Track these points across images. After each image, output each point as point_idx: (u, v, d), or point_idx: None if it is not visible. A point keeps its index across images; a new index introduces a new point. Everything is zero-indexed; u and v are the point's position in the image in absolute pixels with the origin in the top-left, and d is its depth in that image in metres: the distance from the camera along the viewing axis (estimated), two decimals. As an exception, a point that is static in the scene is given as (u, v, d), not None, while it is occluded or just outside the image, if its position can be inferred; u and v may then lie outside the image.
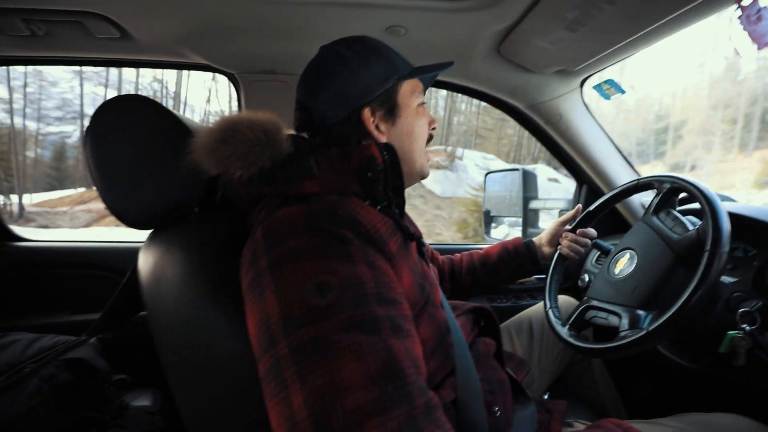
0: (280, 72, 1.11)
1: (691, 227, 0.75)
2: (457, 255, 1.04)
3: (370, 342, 0.40)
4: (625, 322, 0.70)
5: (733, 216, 0.69)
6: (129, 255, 1.25)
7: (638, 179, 0.89)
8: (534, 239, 0.98)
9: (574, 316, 0.81)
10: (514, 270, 0.96)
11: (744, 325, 0.68)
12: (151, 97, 0.63)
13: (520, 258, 0.95)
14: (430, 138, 0.69)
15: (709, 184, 0.74)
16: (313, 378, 0.38)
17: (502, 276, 0.97)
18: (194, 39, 1.00)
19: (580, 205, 0.98)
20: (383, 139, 0.61)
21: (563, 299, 1.00)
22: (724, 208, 0.67)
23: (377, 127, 0.61)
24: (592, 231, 0.95)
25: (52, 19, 0.90)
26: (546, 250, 0.96)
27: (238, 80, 1.15)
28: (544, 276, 1.34)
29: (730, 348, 0.68)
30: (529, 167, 1.83)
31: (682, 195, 0.81)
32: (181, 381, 0.57)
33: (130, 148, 0.59)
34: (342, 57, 0.61)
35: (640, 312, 0.71)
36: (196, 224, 0.63)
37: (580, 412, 0.86)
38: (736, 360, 0.68)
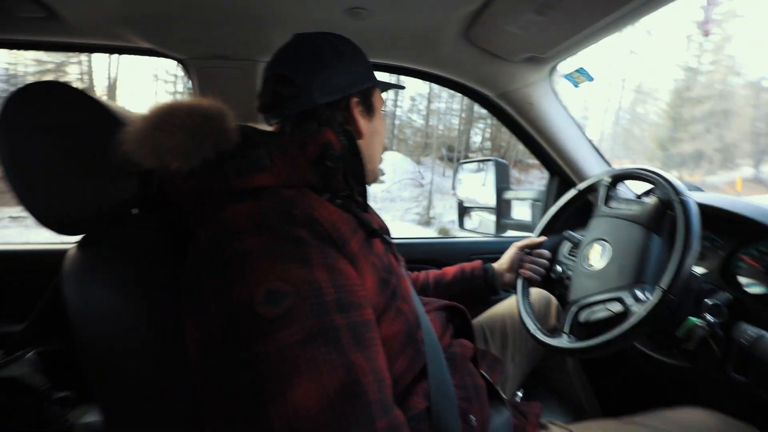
0: (235, 57, 1.02)
1: (646, 199, 0.78)
2: (414, 273, 0.99)
3: (328, 358, 0.36)
4: (630, 301, 0.68)
5: (700, 205, 0.68)
6: (55, 259, 1.12)
7: (578, 188, 0.95)
8: (494, 265, 0.94)
9: (568, 322, 0.76)
10: (467, 292, 0.92)
11: (707, 316, 0.68)
12: (71, 83, 0.55)
13: (476, 280, 0.92)
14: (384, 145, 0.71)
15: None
16: (262, 398, 0.35)
17: (454, 297, 0.91)
18: (137, 21, 0.90)
19: (534, 237, 0.97)
20: (366, 131, 0.63)
21: (535, 295, 0.98)
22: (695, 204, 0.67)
23: (359, 117, 0.62)
24: (546, 252, 0.95)
25: None
26: (507, 276, 0.92)
27: (190, 66, 1.05)
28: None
29: (685, 334, 0.68)
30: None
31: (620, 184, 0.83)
32: (111, 395, 0.52)
33: (48, 142, 0.51)
34: (338, 50, 0.62)
35: (638, 287, 0.70)
36: (133, 227, 0.56)
37: (554, 410, 0.84)
38: (688, 344, 0.68)
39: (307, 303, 0.39)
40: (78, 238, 0.56)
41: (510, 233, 1.50)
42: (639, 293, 0.69)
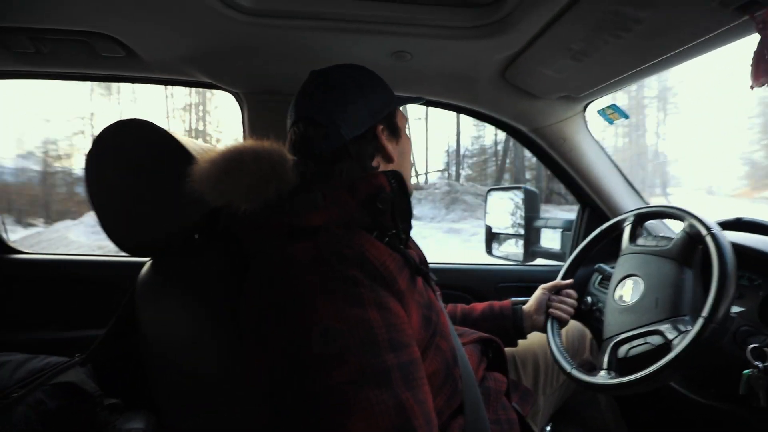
0: (286, 92, 1.11)
1: (673, 234, 0.78)
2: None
3: (381, 398, 0.38)
4: (671, 333, 0.67)
5: (735, 246, 0.69)
6: (125, 270, 1.22)
7: (601, 229, 0.98)
8: (523, 307, 0.94)
9: (606, 358, 0.75)
10: (494, 331, 0.89)
11: (757, 362, 0.66)
12: (153, 122, 0.62)
13: (504, 320, 0.90)
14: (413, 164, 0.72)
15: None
16: None
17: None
18: (199, 58, 1.00)
19: (560, 280, 0.97)
20: (395, 154, 0.64)
21: (570, 329, 0.99)
22: (728, 243, 0.68)
23: (385, 142, 0.63)
24: (573, 292, 0.95)
25: (59, 38, 0.90)
26: (536, 318, 0.91)
27: (243, 99, 1.15)
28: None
29: (748, 389, 0.66)
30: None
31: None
32: (172, 409, 0.57)
33: (129, 173, 0.58)
34: (357, 82, 0.63)
35: (677, 319, 0.70)
36: (197, 253, 0.62)
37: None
38: (757, 401, 0.65)
39: (359, 342, 0.40)
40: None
41: (539, 261, 1.50)
42: (680, 325, 0.68)
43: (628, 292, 0.82)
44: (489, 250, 1.73)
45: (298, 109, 0.62)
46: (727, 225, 1.00)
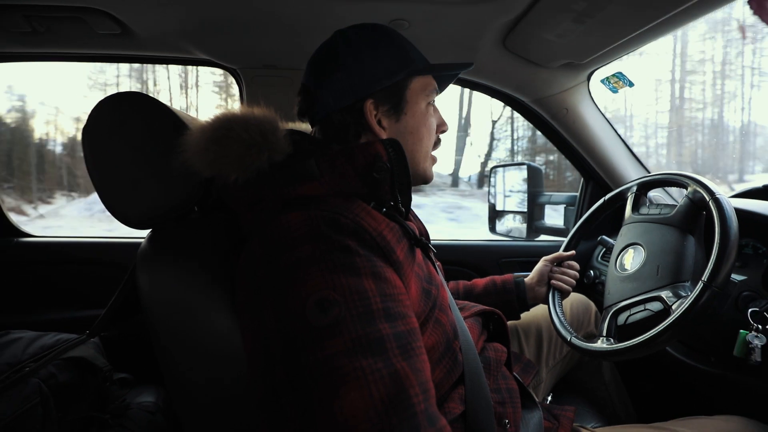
0: (282, 67, 1.10)
1: (675, 201, 0.77)
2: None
3: (375, 367, 0.37)
4: (671, 299, 0.67)
5: (740, 212, 0.68)
6: (133, 250, 1.23)
7: (605, 199, 0.97)
8: (525, 280, 0.93)
9: (606, 325, 0.76)
10: (498, 305, 0.87)
11: (757, 324, 0.66)
12: (149, 94, 0.62)
13: (507, 293, 0.89)
14: (438, 141, 0.66)
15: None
16: (311, 408, 0.36)
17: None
18: (196, 34, 0.99)
19: (562, 252, 0.96)
20: (383, 135, 0.58)
21: (575, 302, 0.99)
22: (731, 207, 0.67)
23: (379, 122, 0.58)
24: (575, 264, 0.94)
25: (54, 15, 0.90)
26: (538, 290, 0.90)
27: (240, 75, 1.14)
28: None
29: (743, 348, 0.66)
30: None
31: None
32: (177, 379, 0.57)
33: (127, 146, 0.59)
34: (350, 43, 0.58)
35: (678, 285, 0.70)
36: (194, 226, 0.62)
37: (585, 415, 0.84)
38: (751, 358, 0.65)
39: (355, 312, 0.39)
40: (146, 232, 0.63)
41: (542, 237, 1.49)
42: (680, 291, 0.68)
43: (629, 260, 0.81)
44: (492, 228, 1.73)
45: (304, 74, 0.61)
46: (754, 193, 0.99)
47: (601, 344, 0.72)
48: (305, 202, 0.49)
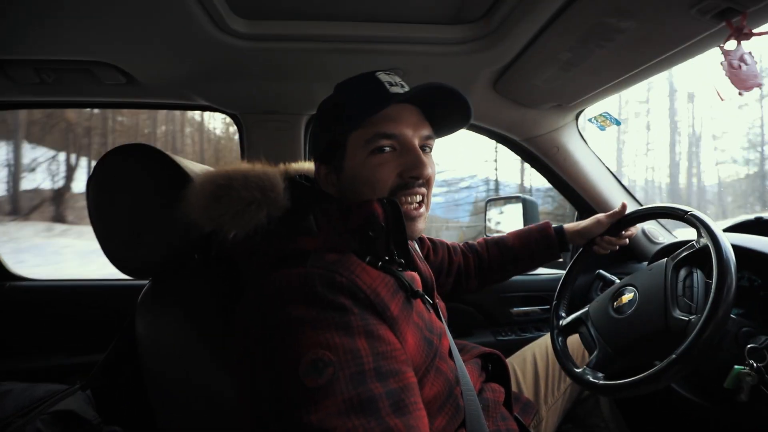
0: (282, 112, 1.13)
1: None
2: (478, 245, 1.01)
3: (368, 427, 0.38)
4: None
5: (735, 248, 0.69)
6: (128, 294, 1.22)
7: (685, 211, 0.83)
8: (566, 226, 0.96)
9: (599, 360, 0.76)
10: (536, 248, 0.94)
11: (751, 361, 0.66)
12: (153, 145, 0.64)
13: (548, 238, 0.93)
14: (406, 185, 0.58)
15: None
16: None
17: (524, 251, 0.95)
18: (197, 83, 1.03)
19: (625, 204, 0.93)
20: (331, 191, 0.61)
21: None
22: (728, 242, 0.67)
23: (327, 180, 0.61)
24: (630, 233, 0.94)
25: (62, 68, 0.93)
26: (578, 240, 0.94)
27: (241, 120, 1.17)
28: (548, 307, 1.32)
29: (735, 383, 0.66)
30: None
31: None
32: (174, 428, 0.57)
33: (130, 197, 0.60)
34: (322, 108, 0.63)
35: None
36: (195, 275, 0.63)
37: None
38: (739, 396, 0.66)
39: (348, 372, 0.39)
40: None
41: (540, 270, 1.50)
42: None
43: (625, 299, 0.81)
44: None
45: None
46: (747, 225, 1.00)
47: (593, 377, 0.72)
48: (301, 256, 0.49)
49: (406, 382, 0.44)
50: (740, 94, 0.61)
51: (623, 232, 0.92)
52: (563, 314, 0.92)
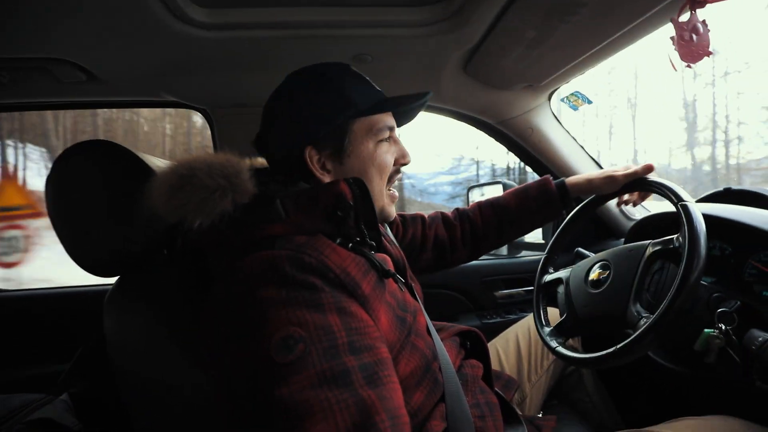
0: (252, 104, 1.11)
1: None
2: (471, 210, 0.94)
3: (341, 398, 0.38)
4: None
5: (707, 217, 0.70)
6: (101, 297, 1.19)
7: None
8: (568, 180, 0.88)
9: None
10: (536, 206, 0.88)
11: (720, 324, 0.68)
12: (114, 141, 0.62)
13: (549, 193, 0.86)
14: (396, 173, 0.65)
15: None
16: None
17: (524, 210, 0.89)
18: (161, 77, 1.00)
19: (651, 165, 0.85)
20: (327, 178, 0.59)
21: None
22: (699, 212, 0.68)
23: (323, 166, 0.59)
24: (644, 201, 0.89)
25: (16, 66, 0.90)
26: (586, 193, 0.87)
27: (210, 115, 1.15)
28: (532, 288, 1.34)
29: (704, 346, 0.68)
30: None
31: None
32: (147, 425, 0.56)
33: (91, 194, 0.58)
34: (289, 91, 0.60)
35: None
36: (161, 271, 0.62)
37: (573, 427, 0.83)
38: (708, 357, 0.67)
39: (320, 347, 0.40)
40: (113, 279, 0.62)
41: (524, 253, 1.51)
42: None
43: (599, 275, 0.82)
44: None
45: None
46: (716, 196, 1.02)
47: (569, 351, 0.75)
48: (270, 241, 0.49)
49: (380, 356, 0.44)
50: (688, 66, 0.62)
51: (641, 194, 0.87)
52: (551, 270, 0.93)
